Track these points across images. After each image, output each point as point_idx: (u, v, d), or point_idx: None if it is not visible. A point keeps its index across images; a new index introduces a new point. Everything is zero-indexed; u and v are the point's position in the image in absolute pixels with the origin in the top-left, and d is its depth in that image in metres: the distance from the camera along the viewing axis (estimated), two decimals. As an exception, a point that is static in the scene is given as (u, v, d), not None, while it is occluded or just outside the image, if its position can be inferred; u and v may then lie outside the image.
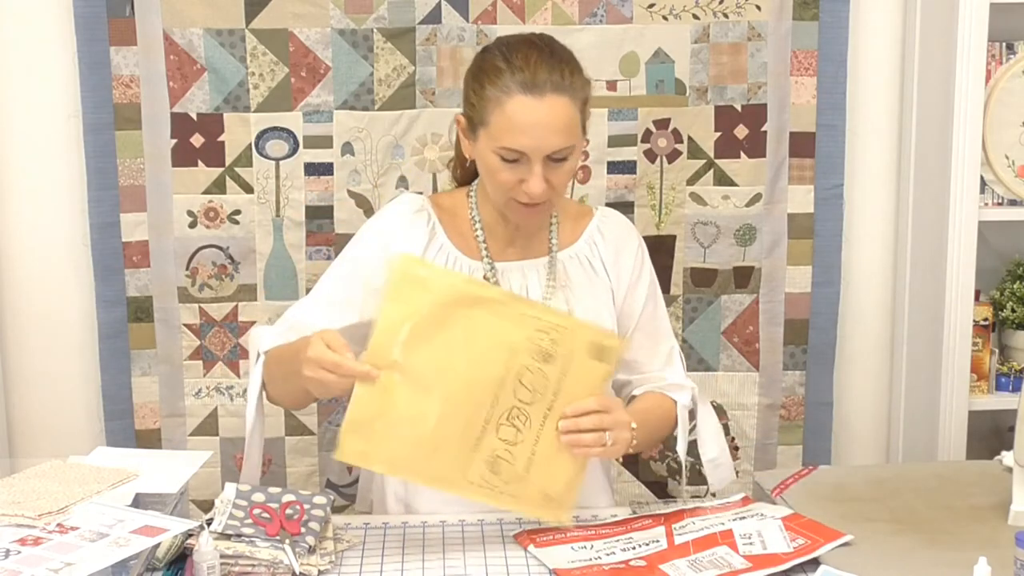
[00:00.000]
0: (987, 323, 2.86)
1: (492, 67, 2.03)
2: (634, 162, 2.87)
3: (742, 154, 2.89)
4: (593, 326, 2.03)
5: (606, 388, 2.07)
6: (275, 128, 2.81)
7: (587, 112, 2.09)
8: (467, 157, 2.15)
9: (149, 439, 2.90)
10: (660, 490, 2.98)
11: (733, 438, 2.99)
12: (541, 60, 2.01)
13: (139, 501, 1.87)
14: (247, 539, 1.78)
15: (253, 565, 1.75)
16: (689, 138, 2.88)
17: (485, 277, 2.14)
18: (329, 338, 1.87)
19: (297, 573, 1.75)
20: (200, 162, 2.81)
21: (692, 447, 2.25)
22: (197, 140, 2.80)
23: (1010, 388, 2.88)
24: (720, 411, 2.98)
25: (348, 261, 2.18)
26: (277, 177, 2.83)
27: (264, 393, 2.14)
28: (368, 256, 2.15)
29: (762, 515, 1.97)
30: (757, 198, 2.91)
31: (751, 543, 1.86)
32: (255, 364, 2.12)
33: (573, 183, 2.85)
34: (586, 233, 2.25)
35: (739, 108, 2.87)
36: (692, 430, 2.25)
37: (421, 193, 2.74)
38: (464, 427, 1.87)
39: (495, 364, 1.89)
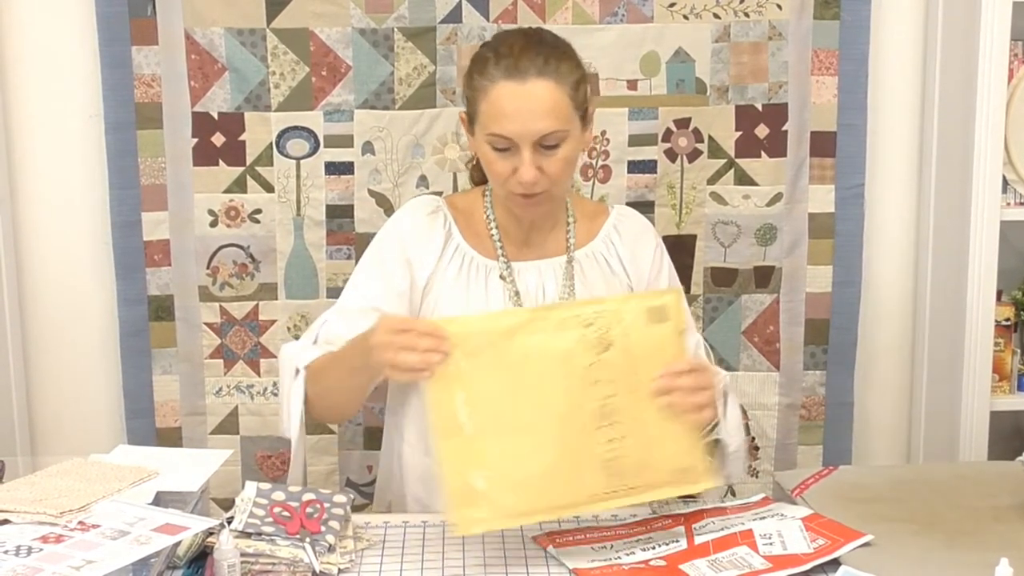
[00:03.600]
0: (1009, 323, 2.86)
1: (480, 58, 2.05)
2: (654, 161, 2.87)
3: (763, 153, 2.88)
4: (636, 295, 1.98)
5: (687, 345, 2.02)
6: (296, 127, 2.82)
7: (586, 100, 2.07)
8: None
9: (170, 437, 2.91)
10: (680, 490, 2.98)
11: (753, 438, 2.98)
12: (527, 47, 2.01)
13: (160, 499, 1.87)
14: (267, 537, 1.78)
15: (273, 563, 1.76)
16: (709, 137, 2.87)
17: (501, 276, 2.14)
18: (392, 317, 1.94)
19: (317, 571, 1.75)
20: (221, 161, 2.82)
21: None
22: (218, 139, 2.81)
23: (1032, 388, 2.88)
24: (740, 411, 2.97)
25: (369, 267, 2.18)
26: (298, 176, 2.84)
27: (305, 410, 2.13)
28: (388, 260, 2.16)
29: (782, 515, 1.96)
30: (778, 198, 2.90)
31: (771, 543, 1.86)
32: (295, 380, 2.10)
33: (593, 183, 2.85)
34: (603, 232, 2.24)
35: (760, 107, 2.86)
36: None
37: (440, 193, 2.76)
38: (561, 450, 1.83)
39: (556, 378, 1.84)
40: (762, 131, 2.87)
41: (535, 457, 1.82)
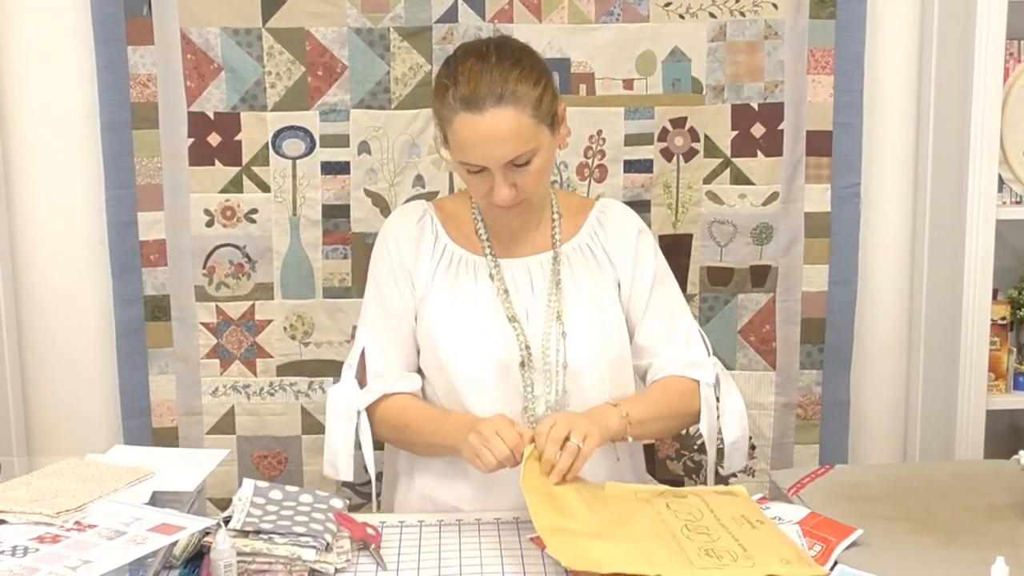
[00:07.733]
0: (1005, 322, 2.86)
1: (440, 85, 2.06)
2: (651, 161, 2.87)
3: (759, 153, 2.88)
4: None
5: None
6: (292, 127, 2.82)
7: (552, 106, 2.06)
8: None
9: (166, 437, 2.90)
10: (677, 489, 2.98)
11: (750, 437, 2.98)
12: (482, 72, 2.00)
13: (156, 499, 1.87)
14: (265, 536, 1.78)
15: (270, 563, 1.76)
16: (706, 137, 2.87)
17: (490, 274, 2.18)
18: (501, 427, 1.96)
19: (313, 560, 1.75)
20: (217, 161, 2.82)
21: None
22: (214, 139, 2.81)
23: (1028, 387, 2.89)
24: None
25: (381, 282, 2.24)
26: (294, 176, 2.84)
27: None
28: (396, 271, 2.21)
29: (780, 519, 1.96)
30: (774, 197, 2.90)
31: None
32: (354, 423, 2.23)
33: (589, 182, 2.85)
34: (586, 225, 2.28)
35: (756, 107, 2.86)
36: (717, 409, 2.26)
37: (436, 193, 2.77)
38: (660, 549, 1.80)
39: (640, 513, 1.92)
40: (758, 130, 2.87)
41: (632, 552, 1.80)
